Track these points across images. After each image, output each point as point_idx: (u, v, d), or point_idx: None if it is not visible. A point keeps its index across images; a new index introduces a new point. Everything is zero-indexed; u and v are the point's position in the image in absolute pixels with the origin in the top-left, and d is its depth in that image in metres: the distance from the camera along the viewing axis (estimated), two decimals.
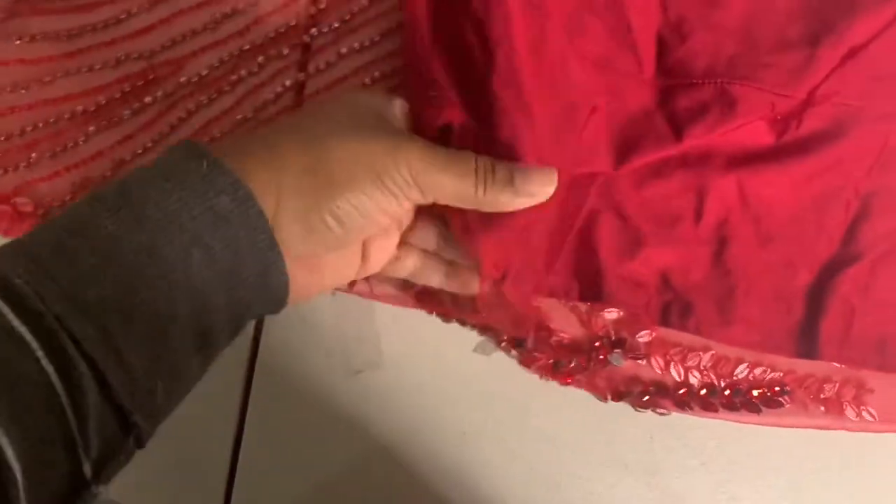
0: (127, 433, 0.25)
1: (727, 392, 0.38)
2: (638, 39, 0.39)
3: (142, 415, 0.25)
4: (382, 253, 0.34)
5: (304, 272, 0.30)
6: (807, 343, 0.38)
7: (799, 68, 0.38)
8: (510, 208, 0.31)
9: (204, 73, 0.39)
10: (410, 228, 0.34)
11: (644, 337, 0.38)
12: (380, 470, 0.38)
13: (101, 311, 0.24)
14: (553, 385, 0.38)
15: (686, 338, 0.38)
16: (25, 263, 0.24)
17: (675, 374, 0.38)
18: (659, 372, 0.38)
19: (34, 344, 0.22)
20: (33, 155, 0.38)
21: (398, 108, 0.33)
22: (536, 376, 0.38)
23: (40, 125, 0.39)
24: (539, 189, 0.31)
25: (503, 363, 0.39)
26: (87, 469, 0.24)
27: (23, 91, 0.39)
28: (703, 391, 0.38)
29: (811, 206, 0.39)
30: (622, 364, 0.38)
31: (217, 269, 0.26)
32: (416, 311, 0.39)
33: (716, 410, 0.38)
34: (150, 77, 0.39)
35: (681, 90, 0.38)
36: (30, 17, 0.40)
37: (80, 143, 0.39)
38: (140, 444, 0.26)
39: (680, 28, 0.39)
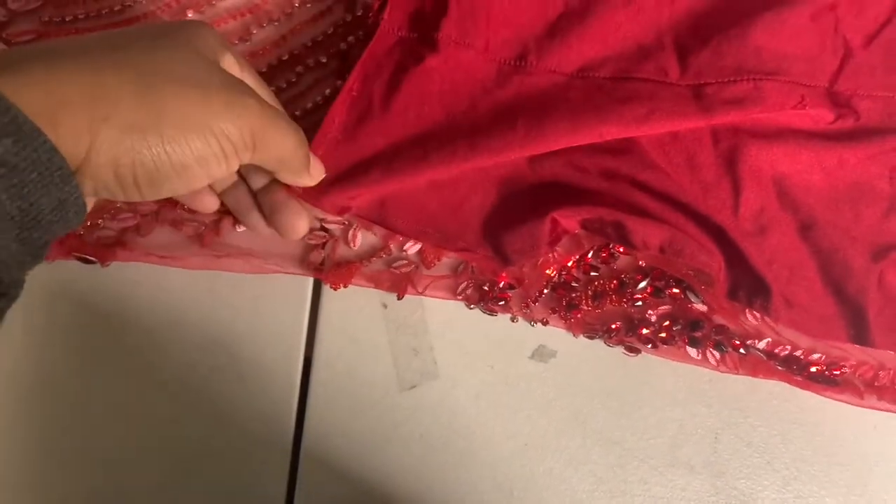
0: None
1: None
2: (653, 49, 0.40)
3: None
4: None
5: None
6: (858, 329, 0.37)
7: (815, 57, 0.39)
8: (300, 184, 0.33)
9: None
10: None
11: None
12: (440, 485, 0.36)
13: None
14: (612, 389, 0.37)
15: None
16: None
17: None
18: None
19: None
20: None
21: (232, 57, 0.31)
22: (593, 380, 0.37)
23: None
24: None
25: (561, 369, 0.38)
26: None
27: None
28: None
29: (846, 194, 0.39)
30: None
31: (3, 218, 0.24)
32: (469, 320, 0.38)
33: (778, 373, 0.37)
34: None
35: (711, 88, 0.39)
36: (60, 37, 0.38)
37: None
38: None
39: (699, 32, 0.40)
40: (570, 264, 0.38)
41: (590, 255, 0.39)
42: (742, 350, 0.38)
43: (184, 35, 0.28)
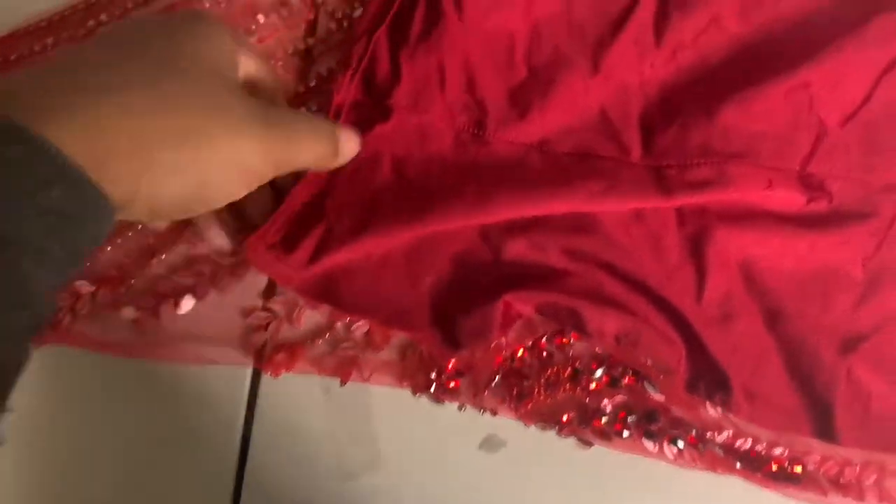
0: None
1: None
2: (617, 125, 0.38)
3: None
4: None
5: None
6: (824, 424, 0.36)
7: (787, 136, 0.37)
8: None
9: None
10: None
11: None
12: None
13: None
14: (565, 481, 0.36)
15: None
16: None
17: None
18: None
19: None
20: None
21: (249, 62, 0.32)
22: (545, 472, 0.36)
23: None
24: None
25: (511, 460, 0.36)
26: None
27: None
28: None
29: (815, 281, 0.37)
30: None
31: (53, 267, 0.23)
32: (415, 407, 0.36)
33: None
34: None
35: (673, 171, 0.37)
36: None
37: None
38: None
39: (666, 108, 0.38)
40: (520, 353, 0.37)
41: (544, 339, 0.37)
42: (700, 446, 0.36)
43: (205, 52, 0.29)
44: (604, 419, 0.36)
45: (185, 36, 0.28)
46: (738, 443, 0.37)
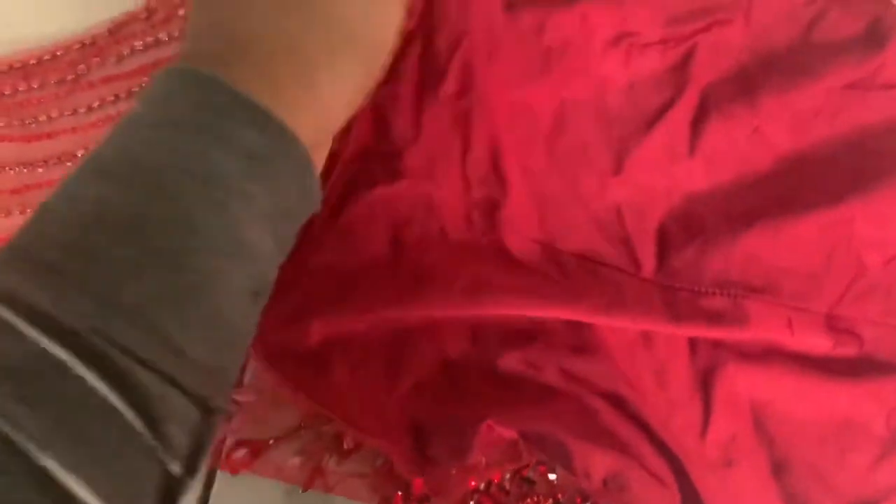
0: (210, 417, 0.22)
1: None
2: (631, 231, 0.35)
3: (220, 396, 0.22)
4: None
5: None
6: None
7: (817, 275, 0.34)
8: None
9: None
10: None
11: None
12: None
13: (142, 308, 0.21)
14: None
15: None
16: (40, 275, 0.20)
17: None
18: None
19: (77, 365, 0.19)
20: None
21: None
22: None
23: None
24: None
25: None
26: (176, 467, 0.21)
27: None
28: None
29: (830, 433, 0.34)
30: None
31: (259, 216, 0.23)
32: None
33: None
34: None
35: (685, 295, 0.34)
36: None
37: None
38: (224, 416, 0.24)
39: (688, 222, 0.35)
40: (496, 479, 0.34)
41: (528, 468, 0.34)
42: None
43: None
44: None
45: None
46: None
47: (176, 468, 0.21)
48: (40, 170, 0.35)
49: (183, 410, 0.21)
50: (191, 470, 0.22)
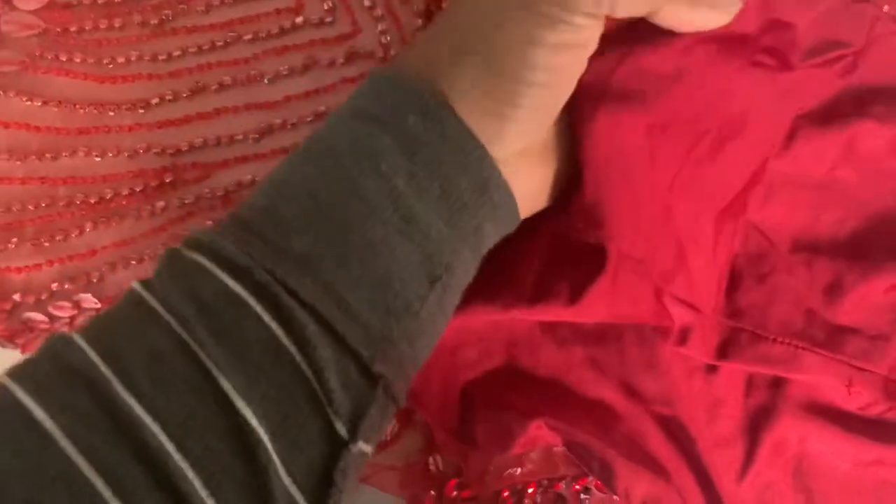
0: (373, 384, 0.23)
1: None
2: (695, 271, 0.34)
3: (383, 362, 0.22)
4: None
5: (524, 171, 0.26)
6: None
7: (885, 337, 0.33)
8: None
9: (231, 188, 0.34)
10: None
11: None
12: None
13: (312, 259, 0.22)
14: None
15: None
16: (233, 228, 0.23)
17: None
18: None
19: (251, 301, 0.21)
20: (14, 240, 0.33)
21: None
22: None
23: (30, 206, 0.33)
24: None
25: None
26: (341, 427, 0.22)
27: (18, 162, 0.33)
28: None
29: (873, 496, 0.34)
30: None
31: (427, 196, 0.24)
32: None
33: None
34: (169, 179, 0.33)
35: (746, 336, 0.33)
36: (48, 75, 0.34)
37: (73, 236, 0.33)
38: (394, 398, 0.23)
39: (759, 265, 0.34)
40: (531, 490, 0.34)
41: (562, 482, 0.34)
42: None
43: None
44: None
45: None
46: None
47: (341, 428, 0.22)
48: (111, 113, 0.34)
49: (343, 364, 0.22)
50: (354, 433, 0.22)
